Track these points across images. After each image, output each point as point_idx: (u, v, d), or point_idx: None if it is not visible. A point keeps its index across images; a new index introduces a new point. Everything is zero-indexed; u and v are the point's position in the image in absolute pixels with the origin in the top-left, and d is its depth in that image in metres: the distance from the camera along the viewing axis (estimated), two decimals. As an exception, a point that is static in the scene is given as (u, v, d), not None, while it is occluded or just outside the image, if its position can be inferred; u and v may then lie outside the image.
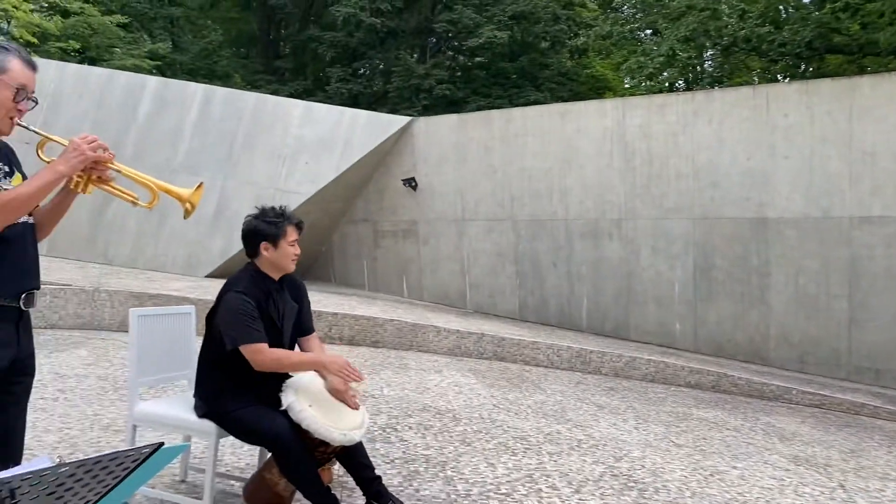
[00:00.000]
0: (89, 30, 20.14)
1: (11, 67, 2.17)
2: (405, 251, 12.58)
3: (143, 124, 11.92)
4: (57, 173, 2.18)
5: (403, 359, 8.10)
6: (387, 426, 5.12)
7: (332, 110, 12.28)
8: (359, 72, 22.23)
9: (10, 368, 2.17)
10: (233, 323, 3.06)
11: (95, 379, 5.63)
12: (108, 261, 11.56)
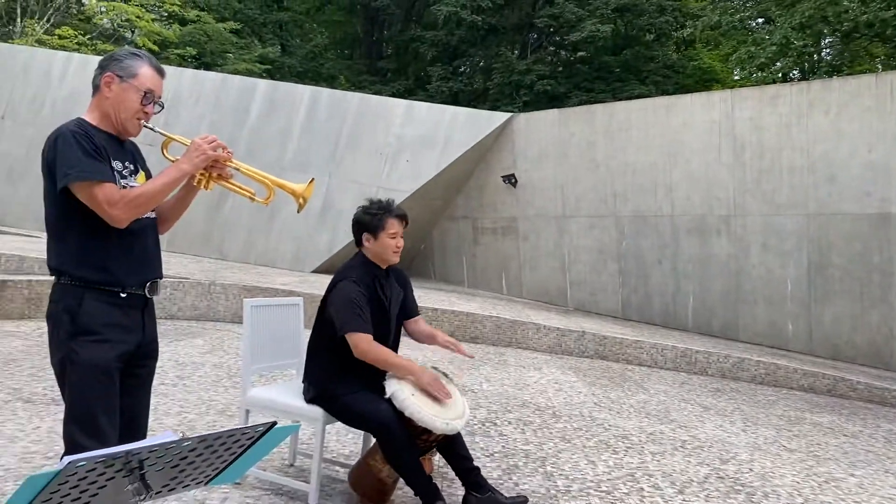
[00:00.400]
0: (205, 36, 21.19)
1: (141, 73, 2.32)
2: (505, 248, 12.57)
3: (254, 125, 12.44)
4: (180, 171, 2.32)
5: (503, 355, 8.11)
6: (486, 421, 5.15)
7: (433, 108, 12.42)
8: (459, 70, 22.38)
9: (135, 352, 2.32)
10: (343, 310, 3.19)
11: (211, 367, 5.93)
12: (223, 256, 12.13)
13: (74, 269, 2.20)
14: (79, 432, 2.15)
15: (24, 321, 7.05)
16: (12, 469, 3.31)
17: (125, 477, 1.46)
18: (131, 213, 2.21)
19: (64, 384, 2.20)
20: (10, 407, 4.25)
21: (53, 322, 2.21)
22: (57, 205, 2.22)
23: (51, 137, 2.22)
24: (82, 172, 2.14)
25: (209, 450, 1.59)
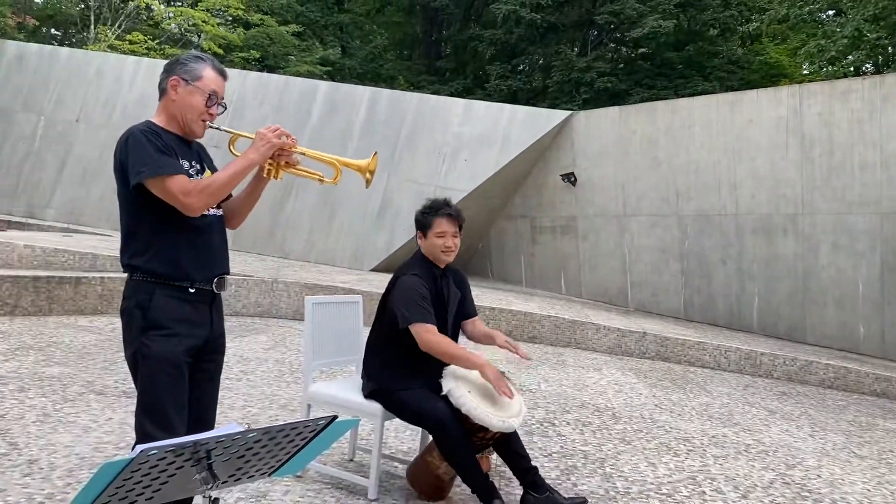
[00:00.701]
0: (268, 40, 21.63)
1: (205, 75, 2.39)
2: (563, 247, 12.48)
3: (316, 126, 12.65)
4: (248, 160, 2.38)
5: (561, 355, 8.05)
6: (544, 420, 5.13)
7: (491, 107, 12.40)
8: (518, 68, 22.28)
9: (203, 347, 2.39)
10: (407, 303, 3.23)
11: (273, 363, 6.06)
12: (285, 254, 12.37)
13: (145, 264, 2.28)
14: (149, 423, 2.23)
15: (98, 316, 7.33)
16: (87, 458, 3.46)
17: (193, 466, 1.51)
18: (204, 202, 2.28)
19: (136, 377, 2.29)
20: (84, 399, 4.43)
21: (126, 317, 2.30)
22: (129, 203, 2.30)
23: (122, 138, 2.30)
24: (156, 168, 2.21)
25: (273, 441, 1.63)
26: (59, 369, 5.07)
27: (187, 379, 2.30)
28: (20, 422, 3.86)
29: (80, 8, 21.29)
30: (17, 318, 6.78)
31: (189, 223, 2.32)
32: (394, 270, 3.52)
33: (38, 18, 21.69)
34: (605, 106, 14.69)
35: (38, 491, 3.01)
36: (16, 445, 3.51)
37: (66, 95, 13.86)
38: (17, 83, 14.16)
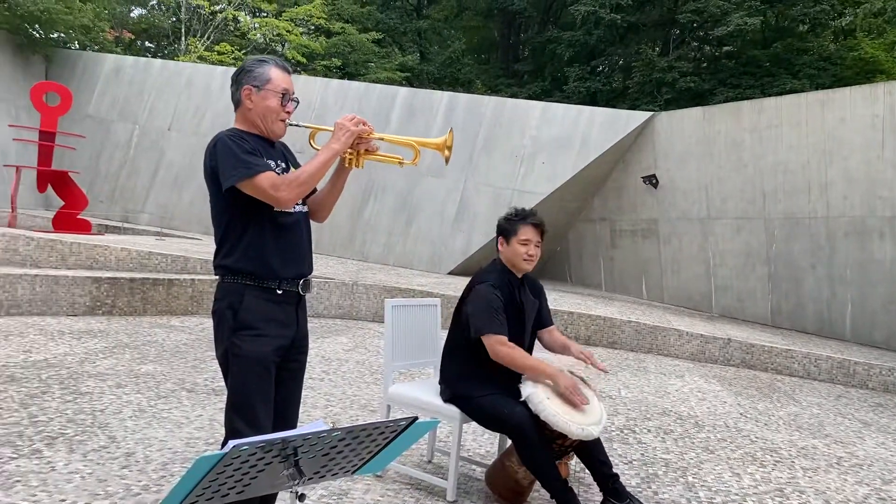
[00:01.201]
0: (348, 47, 22.07)
1: (273, 76, 2.46)
2: (644, 251, 12.24)
3: (394, 131, 12.82)
4: (331, 150, 2.44)
5: (642, 361, 7.90)
6: (624, 427, 5.05)
7: (570, 109, 12.29)
8: (597, 69, 21.98)
9: (290, 347, 2.47)
10: (480, 313, 3.24)
11: (354, 364, 6.18)
12: (364, 258, 12.60)
13: (235, 264, 2.37)
14: (238, 420, 2.32)
15: (188, 316, 7.64)
16: (179, 452, 3.62)
17: (281, 462, 1.56)
18: (294, 194, 2.35)
19: (226, 375, 2.38)
20: (176, 395, 4.64)
21: (218, 318, 2.39)
22: (221, 206, 2.40)
23: (210, 145, 2.39)
24: (246, 170, 2.30)
25: (356, 440, 1.67)
26: (153, 367, 5.31)
27: (274, 378, 2.38)
28: (118, 416, 4.07)
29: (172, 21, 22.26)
30: (115, 318, 7.14)
31: (277, 222, 2.39)
32: (471, 273, 3.54)
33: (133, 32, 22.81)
34: (688, 106, 14.34)
35: (135, 482, 3.18)
36: (114, 439, 3.70)
37: (159, 105, 14.52)
38: (114, 94, 14.92)
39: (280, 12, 21.17)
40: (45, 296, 6.88)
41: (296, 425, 2.58)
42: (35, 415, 3.94)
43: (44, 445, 3.49)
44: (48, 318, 6.74)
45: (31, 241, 7.66)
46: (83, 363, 5.19)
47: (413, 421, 1.73)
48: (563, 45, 20.85)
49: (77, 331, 6.32)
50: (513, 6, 23.05)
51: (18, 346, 5.51)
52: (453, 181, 12.28)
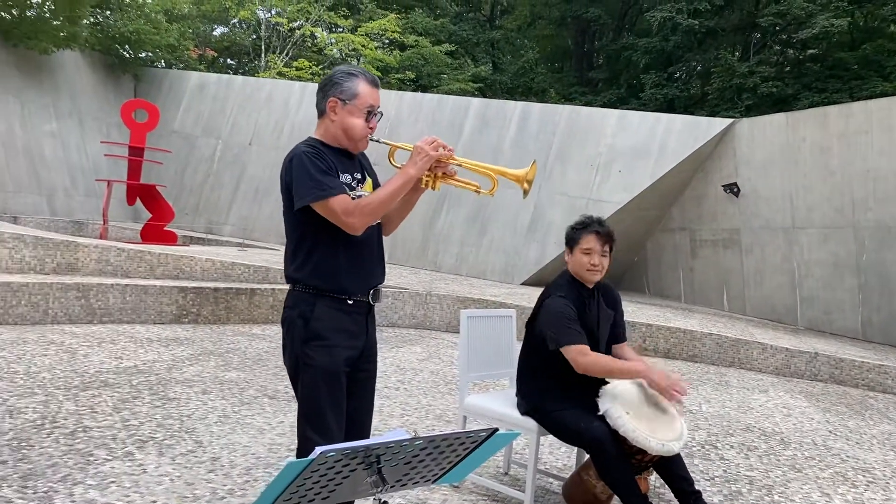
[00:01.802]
0: (422, 60, 22.32)
1: (360, 91, 2.43)
2: (726, 261, 11.89)
3: (467, 141, 12.89)
4: (407, 175, 2.41)
5: (724, 375, 7.67)
6: (706, 443, 4.91)
7: (646, 117, 12.09)
8: (674, 75, 21.53)
9: (359, 356, 2.47)
10: (555, 325, 3.20)
11: (429, 373, 6.22)
12: (437, 268, 12.67)
13: (307, 278, 2.38)
14: (309, 429, 2.34)
15: (269, 325, 7.85)
16: (262, 457, 3.71)
17: (365, 469, 1.59)
18: (366, 220, 2.35)
19: (297, 384, 2.40)
20: (258, 402, 4.77)
21: (288, 326, 2.41)
22: (293, 221, 2.42)
23: (286, 159, 2.42)
24: (319, 191, 2.30)
25: (437, 450, 1.68)
26: (237, 374, 5.48)
27: (345, 388, 2.40)
28: (204, 421, 4.21)
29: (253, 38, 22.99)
30: (200, 326, 7.40)
31: (348, 238, 2.39)
32: (544, 284, 3.50)
33: (216, 50, 23.66)
34: (770, 112, 13.90)
35: (220, 486, 3.28)
36: (201, 443, 3.83)
37: (241, 120, 15.02)
38: (198, 110, 15.52)
39: (356, 27, 21.60)
40: (134, 304, 7.19)
41: (370, 433, 2.59)
42: (127, 419, 4.11)
43: (135, 448, 3.64)
44: (137, 326, 7.04)
45: (122, 253, 8.03)
46: (171, 370, 5.39)
47: (493, 432, 1.73)
48: (639, 52, 20.53)
49: (164, 338, 6.58)
50: (587, 14, 22.85)
51: (111, 352, 5.78)
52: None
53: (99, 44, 15.10)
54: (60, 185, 13.65)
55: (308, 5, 21.62)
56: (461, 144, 12.87)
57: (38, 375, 4.83)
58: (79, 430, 3.83)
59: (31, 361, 5.19)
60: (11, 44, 12.76)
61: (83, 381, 4.81)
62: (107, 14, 15.95)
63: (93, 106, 14.96)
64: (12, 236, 7.42)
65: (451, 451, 1.72)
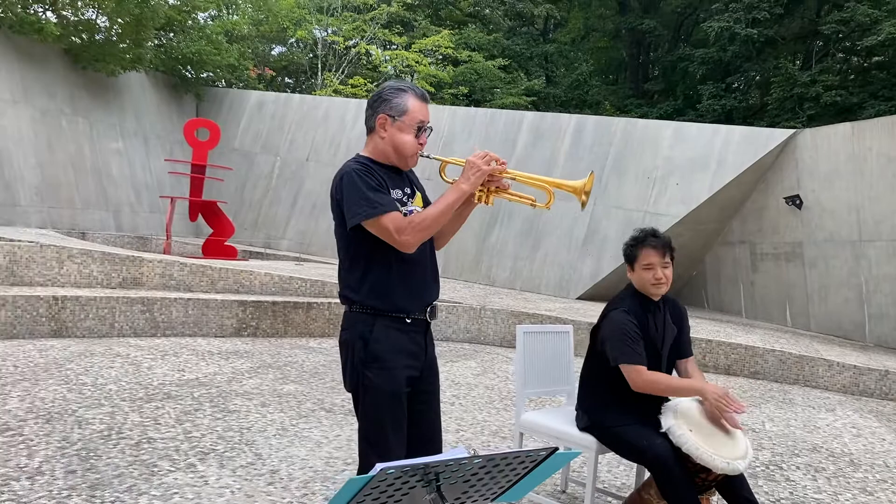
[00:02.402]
0: (475, 75, 22.42)
1: (410, 107, 2.39)
2: (788, 275, 11.55)
3: (521, 155, 12.87)
4: (460, 191, 2.37)
5: (787, 393, 7.44)
6: (770, 463, 4.76)
7: (704, 129, 11.87)
8: (732, 86, 21.13)
9: (420, 375, 2.45)
10: (615, 341, 3.16)
11: (483, 388, 6.20)
12: (490, 282, 12.64)
13: (364, 299, 2.36)
14: (370, 450, 2.34)
15: (325, 338, 7.95)
16: (320, 471, 3.75)
17: (424, 487, 1.59)
18: (419, 237, 2.31)
19: (357, 405, 2.39)
20: (315, 415, 4.82)
21: (347, 348, 2.39)
22: (345, 239, 2.40)
23: (336, 177, 2.40)
24: (371, 209, 2.27)
25: (496, 469, 1.67)
26: (294, 387, 5.56)
27: (406, 408, 2.37)
28: (263, 434, 4.28)
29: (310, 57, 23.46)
30: (259, 339, 7.54)
31: (401, 255, 2.35)
32: (600, 298, 3.47)
33: (274, 69, 24.23)
34: (834, 122, 13.49)
35: (279, 499, 3.32)
36: (260, 456, 3.89)
37: (298, 137, 15.32)
38: (257, 128, 15.89)
39: (410, 44, 21.86)
40: (196, 318, 7.37)
41: (441, 450, 2.56)
42: (189, 430, 4.21)
43: (197, 460, 3.72)
44: (199, 339, 7.21)
45: (185, 267, 8.24)
46: (231, 382, 5.50)
47: (553, 451, 1.71)
48: (696, 63, 20.23)
49: (225, 351, 6.72)
50: (642, 25, 22.65)
51: (173, 365, 5.93)
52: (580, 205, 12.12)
53: (162, 65, 15.62)
54: (126, 202, 14.12)
55: (363, 24, 21.98)
56: (515, 158, 12.86)
57: (104, 387, 4.99)
58: (143, 441, 3.94)
59: (98, 373, 5.36)
60: (81, 66, 13.30)
61: (147, 393, 4.94)
62: (170, 36, 16.50)
63: (157, 125, 15.47)
64: (81, 252, 7.70)
65: (510, 470, 1.71)
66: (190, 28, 16.38)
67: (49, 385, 4.90)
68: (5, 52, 12.04)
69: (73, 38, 13.17)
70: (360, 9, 22.29)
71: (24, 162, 11.88)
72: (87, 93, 13.62)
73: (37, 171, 12.11)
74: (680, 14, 23.32)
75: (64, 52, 13.17)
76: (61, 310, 6.62)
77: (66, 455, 3.60)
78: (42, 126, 12.44)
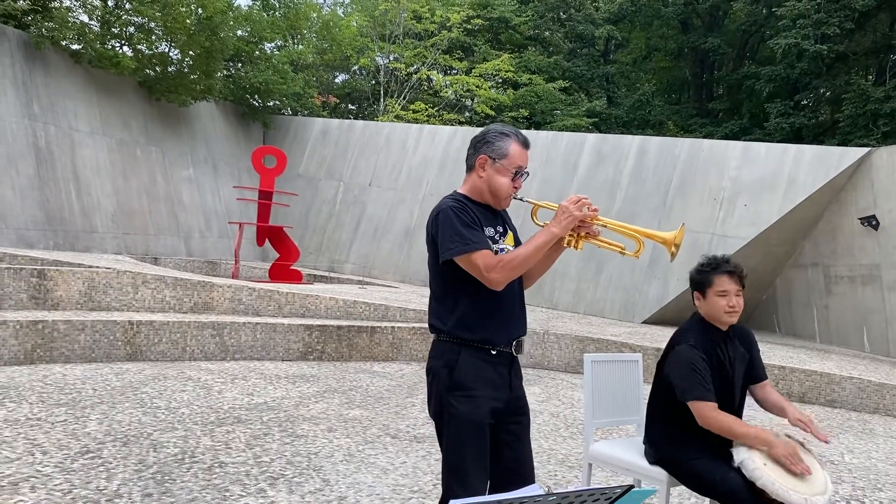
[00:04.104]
0: (535, 97, 22.44)
1: (511, 152, 2.48)
2: (865, 299, 11.10)
3: (583, 177, 12.78)
4: (551, 234, 2.42)
5: (867, 423, 7.12)
6: (851, 498, 4.56)
7: (773, 148, 11.58)
8: (801, 103, 20.60)
9: (505, 409, 2.46)
10: (684, 376, 3.08)
11: (549, 416, 6.12)
12: (553, 305, 12.53)
13: (452, 329, 2.43)
14: (452, 480, 2.36)
15: (389, 363, 8.00)
16: (386, 498, 3.76)
17: (498, 524, 1.57)
18: (507, 276, 2.37)
19: (440, 434, 2.43)
20: (381, 441, 4.84)
21: (433, 376, 2.45)
22: (438, 272, 2.47)
23: (433, 213, 2.47)
24: (464, 245, 2.35)
25: (570, 507, 1.65)
26: (359, 412, 5.60)
27: (489, 440, 2.39)
28: (330, 460, 4.32)
29: (372, 84, 23.91)
30: (324, 363, 7.64)
31: (490, 290, 2.41)
32: (667, 323, 3.40)
33: (337, 96, 24.77)
34: (912, 138, 12.98)
35: (347, 526, 3.34)
36: (328, 482, 3.92)
37: (361, 162, 15.58)
38: (321, 154, 16.23)
39: (470, 69, 22.05)
40: (264, 342, 7.53)
41: (533, 480, 2.56)
42: (259, 455, 4.28)
43: (267, 485, 3.78)
44: (266, 363, 7.35)
45: (253, 292, 8.44)
46: (298, 406, 5.58)
47: (629, 489, 1.67)
48: (762, 81, 19.78)
49: (292, 375, 6.83)
50: (705, 44, 22.34)
51: (242, 389, 6.05)
52: (645, 226, 11.95)
53: (231, 94, 16.16)
54: (196, 228, 14.58)
55: (424, 50, 22.30)
56: (577, 181, 12.78)
57: (177, 411, 5.12)
58: (215, 465, 4.02)
59: (171, 397, 5.51)
60: (155, 98, 13.86)
61: (218, 417, 5.05)
62: (238, 66, 17.06)
63: (225, 152, 15.96)
64: (154, 277, 7.97)
65: (584, 508, 1.68)
66: (257, 58, 16.91)
67: (125, 408, 5.07)
68: (86, 86, 12.65)
69: (147, 70, 13.75)
70: (421, 35, 22.64)
71: (101, 190, 12.42)
72: (160, 123, 14.17)
73: (113, 199, 12.63)
74: (745, 32, 22.91)
75: (139, 85, 13.76)
76: (136, 334, 6.86)
77: (142, 478, 3.71)
78: (118, 155, 12.99)
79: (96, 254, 11.15)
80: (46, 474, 3.64)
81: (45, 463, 3.80)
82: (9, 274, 7.12)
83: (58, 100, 11.99)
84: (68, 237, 11.53)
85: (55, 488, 3.46)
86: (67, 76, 12.31)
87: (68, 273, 7.52)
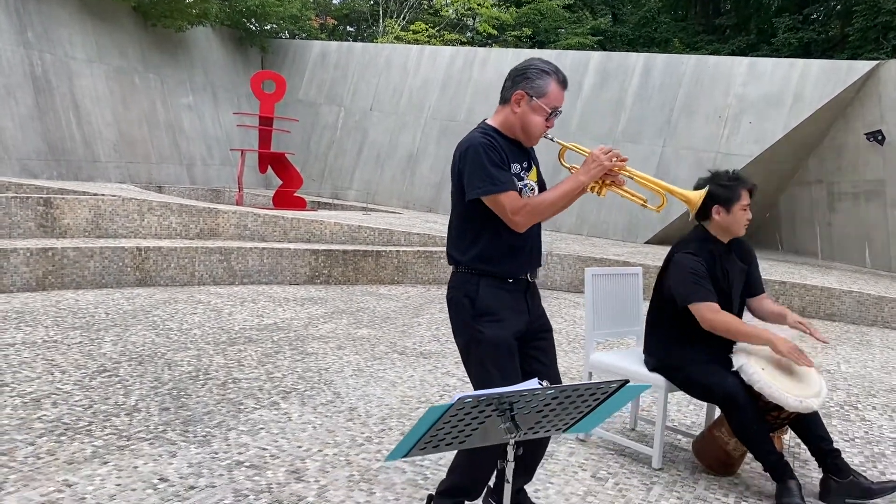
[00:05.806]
0: (539, 15, 21.93)
1: (549, 91, 2.44)
2: (868, 215, 11.12)
3: (587, 97, 12.63)
4: (578, 182, 2.42)
5: (865, 335, 7.26)
6: (845, 403, 4.70)
7: (780, 64, 11.39)
8: (811, 17, 20.10)
9: (527, 330, 2.53)
10: (683, 282, 3.15)
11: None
12: (556, 228, 12.59)
13: (471, 262, 2.46)
14: None
15: (394, 285, 8.12)
16: (395, 408, 3.90)
17: (499, 416, 1.67)
18: (531, 220, 2.40)
19: (468, 362, 2.49)
20: (389, 358, 4.98)
21: (455, 307, 2.50)
22: (462, 207, 2.48)
23: (462, 146, 2.45)
24: (491, 186, 2.35)
25: (568, 400, 1.74)
26: (367, 331, 5.74)
27: (517, 360, 2.46)
28: (340, 374, 4.46)
29: (371, 4, 23.35)
30: (331, 287, 7.76)
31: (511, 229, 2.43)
32: (669, 242, 3.44)
33: (336, 18, 24.23)
34: (922, 51, 12.74)
35: (358, 434, 3.49)
36: (339, 394, 4.07)
37: (361, 86, 15.38)
38: (320, 78, 16.01)
39: (471, -14, 21.49)
40: (271, 266, 7.63)
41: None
42: (271, 371, 4.42)
43: (280, 398, 3.92)
44: (274, 287, 7.47)
45: (258, 218, 8.50)
46: (307, 327, 5.72)
47: (624, 384, 1.76)
48: (771, -6, 19.26)
49: (300, 298, 6.96)
50: (713, -43, 21.65)
51: (252, 311, 6.18)
52: (650, 146, 11.89)
53: (228, 18, 15.82)
54: (198, 155, 14.54)
55: (424, -33, 21.68)
56: (581, 100, 12.64)
57: (189, 332, 5.26)
58: (229, 381, 4.17)
59: (182, 319, 5.65)
60: (150, 23, 13.61)
61: (230, 337, 5.19)
62: (234, -11, 16.65)
63: (224, 78, 15.76)
64: (160, 204, 8.02)
65: (581, 402, 1.77)
66: (252, -20, 16.48)
67: (138, 330, 5.20)
68: (79, 12, 12.41)
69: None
70: (420, -48, 21.98)
71: (101, 119, 12.34)
72: (157, 50, 13.95)
73: (114, 128, 12.57)
74: (754, -58, 22.15)
75: (133, 10, 13.48)
76: (145, 260, 6.96)
77: (159, 394, 3.85)
78: (116, 84, 12.85)
79: (100, 182, 11.18)
80: (66, 391, 3.78)
81: (65, 381, 3.94)
82: (16, 203, 7.18)
83: (52, 27, 11.79)
84: (71, 167, 11.53)
85: (76, 404, 3.60)
86: (60, 2, 12.07)
87: (74, 201, 7.57)
